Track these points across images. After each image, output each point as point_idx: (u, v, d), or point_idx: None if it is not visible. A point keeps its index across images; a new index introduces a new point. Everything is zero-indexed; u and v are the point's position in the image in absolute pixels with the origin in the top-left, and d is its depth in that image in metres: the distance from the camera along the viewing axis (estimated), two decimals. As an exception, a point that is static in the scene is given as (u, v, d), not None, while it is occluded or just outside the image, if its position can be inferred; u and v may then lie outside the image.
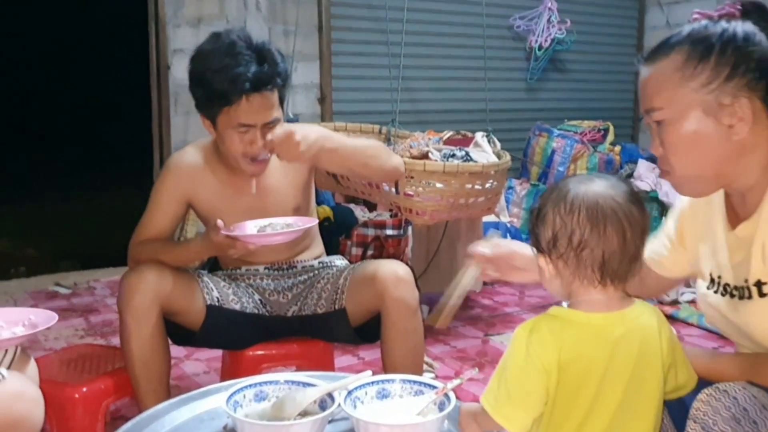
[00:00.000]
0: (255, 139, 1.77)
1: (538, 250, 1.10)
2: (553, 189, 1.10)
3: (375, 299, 1.80)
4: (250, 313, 1.92)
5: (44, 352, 2.62)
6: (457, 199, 2.72)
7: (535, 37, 4.95)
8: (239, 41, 1.75)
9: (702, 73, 1.08)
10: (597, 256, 1.04)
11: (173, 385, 2.42)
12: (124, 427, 1.35)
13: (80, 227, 5.64)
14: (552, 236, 1.06)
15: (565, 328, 1.05)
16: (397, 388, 1.41)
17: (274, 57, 1.77)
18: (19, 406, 1.31)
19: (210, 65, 1.74)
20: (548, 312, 1.09)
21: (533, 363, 1.03)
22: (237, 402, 1.37)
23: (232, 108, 1.73)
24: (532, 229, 1.11)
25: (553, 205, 1.06)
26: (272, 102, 1.77)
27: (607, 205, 1.04)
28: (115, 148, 7.54)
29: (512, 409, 1.04)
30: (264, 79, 1.73)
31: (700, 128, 1.09)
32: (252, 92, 1.72)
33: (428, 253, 3.24)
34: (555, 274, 1.08)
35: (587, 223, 1.03)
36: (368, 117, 3.86)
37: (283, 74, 1.78)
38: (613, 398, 1.04)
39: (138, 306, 1.73)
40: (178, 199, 1.89)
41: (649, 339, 1.08)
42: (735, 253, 1.18)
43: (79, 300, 3.51)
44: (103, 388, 1.82)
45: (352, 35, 4.40)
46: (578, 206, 1.04)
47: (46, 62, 8.42)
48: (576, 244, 1.04)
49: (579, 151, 4.69)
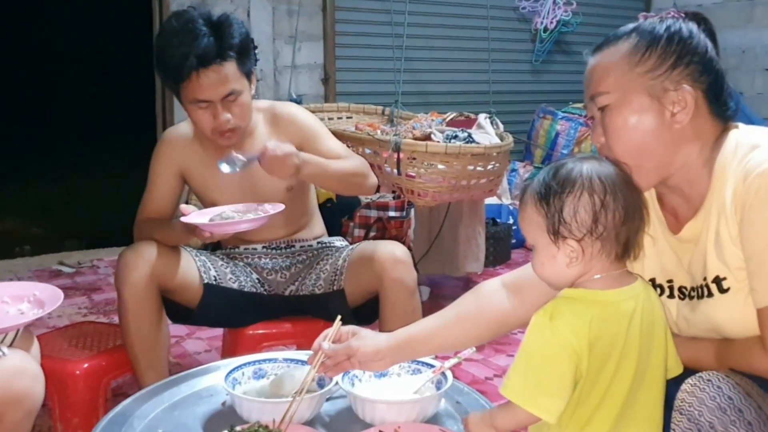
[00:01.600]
0: (216, 113, 1.77)
1: (560, 236, 1.06)
2: (570, 172, 1.07)
3: (373, 280, 1.81)
4: (248, 291, 1.93)
5: (47, 329, 2.64)
6: (459, 180, 2.71)
7: (540, 19, 4.91)
8: (198, 18, 1.75)
9: (649, 59, 1.10)
10: (630, 232, 1.06)
11: (174, 363, 2.44)
12: (124, 402, 1.37)
13: (84, 207, 5.66)
14: (593, 218, 1.04)
15: (588, 308, 1.04)
16: (395, 366, 1.42)
17: (230, 30, 1.75)
18: (20, 383, 1.33)
19: (164, 42, 1.77)
20: (562, 295, 1.08)
21: (563, 348, 1.01)
22: (236, 379, 1.38)
23: (185, 84, 1.74)
24: (555, 219, 1.05)
25: (585, 188, 1.05)
26: (226, 75, 1.74)
27: (630, 181, 1.08)
28: (119, 129, 7.55)
29: (547, 398, 1.02)
30: (211, 54, 1.71)
31: (644, 113, 1.11)
32: (201, 67, 1.71)
33: (430, 234, 3.24)
34: (576, 256, 1.06)
35: (624, 202, 1.05)
36: (372, 98, 3.85)
37: (237, 45, 1.75)
38: (629, 371, 1.05)
39: (135, 283, 1.74)
40: (173, 172, 1.91)
41: (653, 311, 1.10)
42: (684, 256, 1.18)
43: (83, 279, 3.53)
44: (104, 364, 1.84)
45: (356, 15, 4.38)
46: (613, 186, 1.05)
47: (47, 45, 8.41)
48: (618, 221, 1.05)
49: (583, 133, 4.67)
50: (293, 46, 4.08)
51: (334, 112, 3.43)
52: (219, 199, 1.90)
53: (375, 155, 2.73)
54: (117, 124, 7.74)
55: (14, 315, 1.42)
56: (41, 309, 1.42)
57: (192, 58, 1.69)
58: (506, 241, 3.75)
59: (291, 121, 1.93)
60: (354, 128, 3.07)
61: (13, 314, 1.42)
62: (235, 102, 1.77)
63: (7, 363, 1.33)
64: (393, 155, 2.65)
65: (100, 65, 8.44)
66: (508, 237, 3.79)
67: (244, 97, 1.79)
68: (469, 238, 3.21)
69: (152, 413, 1.34)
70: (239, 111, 1.79)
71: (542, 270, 1.12)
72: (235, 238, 1.98)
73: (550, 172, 1.09)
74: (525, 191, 1.12)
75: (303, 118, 1.95)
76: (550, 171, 1.09)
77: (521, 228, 1.14)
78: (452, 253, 3.22)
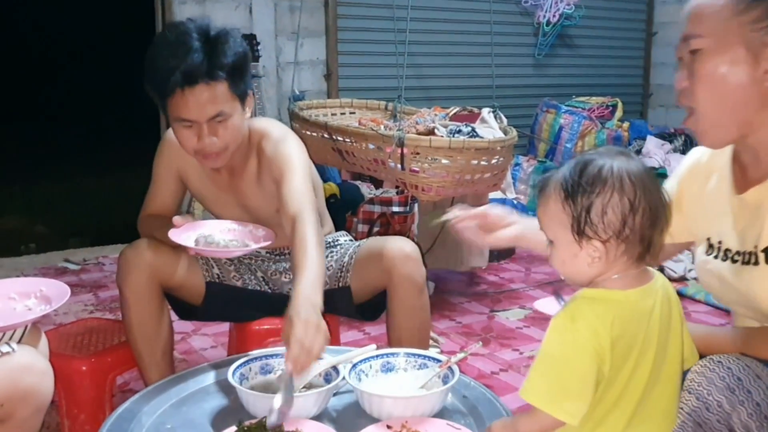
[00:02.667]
0: (201, 134, 1.65)
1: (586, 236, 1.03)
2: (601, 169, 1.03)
3: (382, 276, 1.80)
4: (252, 289, 1.93)
5: (53, 326, 2.65)
6: (462, 175, 2.71)
7: (543, 12, 4.90)
8: (194, 32, 1.62)
9: (754, 10, 1.06)
10: (654, 234, 1.03)
11: (181, 359, 2.45)
12: (132, 399, 1.38)
13: (89, 205, 5.67)
14: (622, 221, 1.01)
15: (609, 308, 1.02)
16: (402, 361, 1.43)
17: (225, 48, 1.62)
18: (29, 379, 1.33)
19: (155, 52, 1.65)
20: (581, 296, 1.05)
21: (586, 350, 0.99)
22: (243, 375, 1.38)
23: (171, 101, 1.63)
24: (582, 218, 1.02)
25: (615, 189, 1.01)
26: (213, 96, 1.61)
27: (656, 183, 1.04)
28: (123, 127, 7.55)
29: (571, 402, 1.00)
30: (199, 71, 1.58)
31: (736, 65, 1.07)
32: (186, 85, 1.59)
33: (434, 229, 3.24)
34: (598, 256, 1.03)
35: (651, 206, 1.02)
36: (374, 93, 3.85)
37: (229, 66, 1.62)
38: (646, 368, 1.04)
39: (136, 281, 1.74)
40: (173, 174, 1.89)
41: (670, 307, 1.08)
42: (740, 219, 1.16)
43: (88, 276, 3.54)
44: (110, 360, 1.85)
45: (358, 10, 4.37)
46: (641, 188, 1.01)
47: (52, 42, 8.42)
48: (643, 225, 1.02)
49: (587, 127, 4.66)
50: (295, 42, 4.08)
51: (337, 108, 3.43)
52: (217, 214, 1.89)
53: (378, 150, 2.73)
54: (121, 121, 7.74)
55: (21, 311, 1.43)
56: (48, 305, 1.43)
57: (178, 74, 1.57)
58: (510, 235, 3.74)
59: (270, 160, 1.76)
60: (357, 124, 3.06)
61: (21, 311, 1.43)
62: (222, 124, 1.65)
63: (17, 360, 1.33)
64: (396, 150, 2.65)
65: (105, 63, 8.43)
66: (513, 231, 3.78)
67: (233, 120, 1.66)
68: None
69: (160, 409, 1.34)
70: (226, 134, 1.66)
71: (562, 267, 1.09)
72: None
73: (577, 167, 1.04)
74: (547, 184, 1.08)
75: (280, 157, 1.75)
76: (578, 167, 1.04)
77: (540, 221, 1.10)
78: (456, 248, 3.22)
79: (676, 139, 4.69)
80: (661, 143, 4.63)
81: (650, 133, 4.87)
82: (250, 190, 1.85)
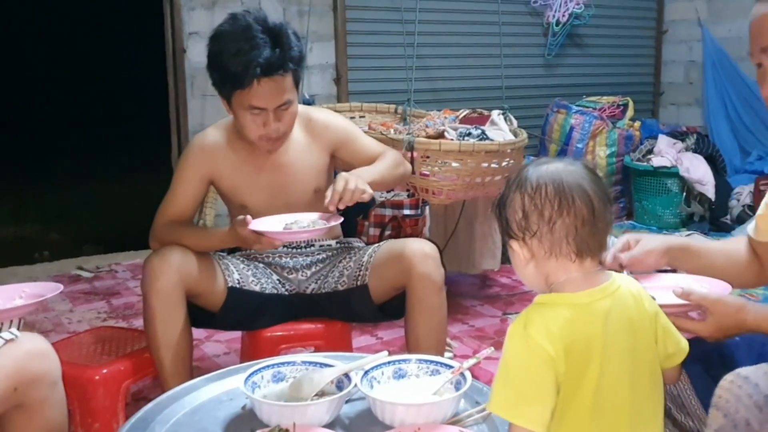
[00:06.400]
0: (268, 121, 1.81)
1: (509, 236, 1.08)
2: (513, 176, 1.10)
3: (401, 275, 1.82)
4: (270, 293, 1.94)
5: (67, 334, 2.67)
6: (473, 178, 2.70)
7: (552, 12, 4.88)
8: (255, 24, 1.76)
9: None
10: (570, 227, 1.03)
11: (194, 366, 2.46)
12: (145, 408, 1.38)
13: (102, 212, 5.70)
14: (522, 216, 1.05)
15: (556, 312, 1.03)
16: (414, 368, 1.42)
17: (289, 40, 1.78)
18: (35, 361, 1.36)
19: (224, 48, 1.77)
20: (534, 302, 1.07)
21: (538, 355, 1.00)
22: (255, 383, 1.38)
23: (244, 91, 1.76)
24: (499, 216, 1.09)
25: (518, 188, 1.06)
26: (284, 86, 1.78)
27: (571, 178, 1.05)
28: (134, 133, 7.59)
29: (527, 407, 1.00)
30: (276, 64, 1.74)
31: None
32: (263, 77, 1.74)
33: (446, 232, 3.23)
34: (530, 257, 1.07)
35: (555, 196, 1.03)
36: (384, 96, 3.85)
37: (297, 58, 1.80)
38: (621, 372, 1.03)
39: (162, 288, 1.75)
40: (201, 177, 1.93)
41: (635, 308, 1.08)
42: None
43: (102, 283, 3.56)
44: (123, 369, 1.85)
45: (366, 14, 4.37)
46: (543, 183, 1.04)
47: (63, 48, 8.48)
48: (548, 217, 1.03)
49: (598, 127, 4.63)
50: (305, 46, 4.08)
51: (347, 112, 3.43)
52: (248, 201, 1.93)
53: (389, 154, 2.72)
54: (132, 128, 7.78)
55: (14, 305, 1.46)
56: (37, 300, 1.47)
57: (255, 67, 1.72)
58: (522, 237, 3.72)
59: (325, 127, 1.99)
60: (367, 128, 3.06)
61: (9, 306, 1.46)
62: (287, 111, 1.82)
63: (21, 346, 1.36)
64: (406, 154, 2.65)
65: (116, 70, 8.49)
66: (524, 233, 3.76)
67: (294, 107, 1.84)
68: (485, 235, 3.20)
69: (173, 418, 1.34)
70: (288, 120, 1.84)
71: (518, 275, 1.12)
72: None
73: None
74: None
75: (336, 122, 2.02)
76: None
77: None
78: (468, 251, 3.22)
79: (687, 138, 4.65)
80: (672, 142, 4.59)
81: (662, 131, 4.84)
82: (296, 160, 1.94)
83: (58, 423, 1.43)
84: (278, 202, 1.92)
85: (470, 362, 1.37)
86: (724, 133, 5.11)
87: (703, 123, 5.32)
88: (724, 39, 5.10)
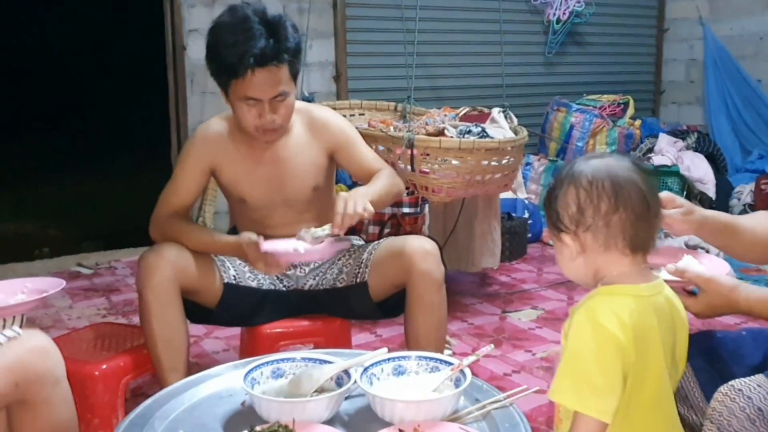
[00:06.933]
0: (263, 112, 1.80)
1: (560, 230, 1.08)
2: (565, 169, 1.10)
3: (401, 272, 1.83)
4: (267, 289, 1.94)
5: (66, 330, 2.67)
6: (473, 175, 2.70)
7: (552, 10, 4.88)
8: (253, 15, 1.77)
9: None
10: (626, 222, 1.04)
11: (193, 362, 2.45)
12: (144, 404, 1.38)
13: (101, 209, 5.70)
14: (577, 209, 1.05)
15: (623, 302, 1.03)
16: (413, 364, 1.42)
17: (286, 32, 1.78)
18: (38, 359, 1.36)
19: (221, 38, 1.78)
20: (597, 292, 1.06)
21: (609, 345, 0.99)
22: (254, 379, 1.38)
23: (239, 81, 1.77)
24: (550, 209, 1.09)
25: (572, 181, 1.06)
26: (279, 77, 1.78)
27: (625, 173, 1.05)
28: (134, 130, 7.59)
29: (601, 400, 0.99)
30: (269, 54, 1.74)
31: None
32: (257, 67, 1.74)
33: (445, 230, 3.23)
34: (580, 250, 1.07)
35: (612, 191, 1.04)
36: (384, 94, 3.84)
37: (292, 50, 1.79)
38: (664, 365, 1.05)
39: (157, 284, 1.75)
40: (203, 167, 1.93)
41: (677, 307, 1.10)
42: None
43: (101, 280, 3.56)
44: (122, 365, 1.85)
45: (366, 11, 4.37)
46: (600, 177, 1.04)
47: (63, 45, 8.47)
48: (604, 211, 1.03)
49: (598, 125, 4.63)
50: (304, 43, 4.08)
51: (347, 110, 3.42)
52: (247, 194, 1.93)
53: (388, 152, 2.72)
54: (132, 125, 7.78)
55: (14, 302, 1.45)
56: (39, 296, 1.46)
57: (249, 57, 1.72)
58: (522, 235, 3.73)
59: (325, 125, 1.98)
60: (367, 125, 3.06)
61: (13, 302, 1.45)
62: (283, 103, 1.81)
63: (24, 343, 1.36)
64: (406, 152, 2.64)
65: (114, 66, 8.49)
66: (524, 231, 3.77)
67: (290, 99, 1.84)
68: (484, 234, 3.20)
69: (173, 414, 1.34)
70: (284, 111, 1.84)
71: (562, 269, 1.12)
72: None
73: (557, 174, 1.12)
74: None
75: (336, 123, 2.01)
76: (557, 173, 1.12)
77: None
78: (468, 249, 3.21)
79: (688, 136, 4.65)
80: (673, 140, 4.59)
81: (662, 130, 4.84)
82: (295, 155, 1.93)
83: (65, 422, 1.42)
84: (276, 197, 1.92)
85: (470, 359, 1.37)
86: (725, 131, 5.11)
87: (703, 122, 5.32)
88: (726, 37, 5.10)
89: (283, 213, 1.94)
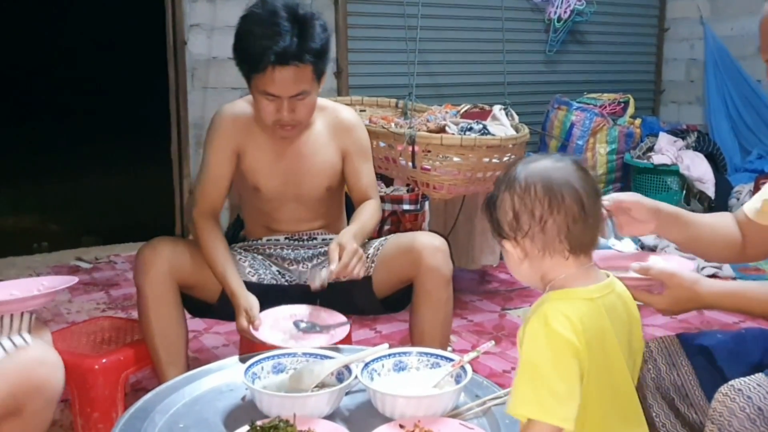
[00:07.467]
0: (281, 108, 1.78)
1: (501, 236, 1.08)
2: (502, 176, 1.09)
3: (409, 268, 1.82)
4: (268, 284, 1.94)
5: (66, 324, 2.67)
6: (474, 173, 2.70)
7: (554, 9, 4.88)
8: (282, 11, 1.74)
9: None
10: (561, 225, 1.03)
11: (193, 357, 2.46)
12: (145, 398, 1.38)
13: (101, 203, 5.69)
14: (513, 216, 1.04)
15: (574, 306, 1.02)
16: (414, 360, 1.42)
17: (313, 31, 1.75)
18: (42, 371, 1.35)
19: (248, 29, 1.76)
20: (547, 298, 1.05)
21: (565, 350, 0.98)
22: (255, 374, 1.38)
23: (259, 75, 1.75)
24: (490, 217, 1.08)
25: (507, 188, 1.06)
26: (299, 76, 1.74)
27: (559, 175, 1.04)
28: (134, 125, 7.58)
29: (563, 407, 0.97)
30: (291, 54, 1.71)
31: None
32: (278, 65, 1.71)
33: (445, 227, 3.23)
34: (523, 256, 1.06)
35: (544, 195, 1.03)
36: (385, 90, 3.84)
37: (317, 50, 1.75)
38: (625, 364, 1.05)
39: (154, 279, 1.75)
40: (233, 148, 1.91)
41: (629, 302, 1.10)
42: None
43: (101, 274, 3.56)
44: (122, 359, 1.85)
45: (368, 8, 4.36)
46: (532, 182, 1.04)
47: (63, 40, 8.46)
48: (539, 217, 1.03)
49: (598, 124, 4.64)
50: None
51: (348, 106, 3.42)
52: (262, 184, 1.92)
53: (390, 148, 2.72)
54: (132, 120, 7.77)
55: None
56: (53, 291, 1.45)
57: (271, 54, 1.70)
58: (522, 233, 3.73)
59: (348, 130, 1.96)
60: (368, 121, 3.06)
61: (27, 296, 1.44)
62: (302, 102, 1.79)
63: (31, 353, 1.34)
64: (408, 148, 2.65)
65: (115, 61, 8.48)
66: (524, 229, 3.76)
67: (311, 98, 1.81)
68: (484, 231, 3.20)
69: (173, 408, 1.34)
70: (303, 110, 1.81)
71: (512, 272, 1.12)
72: (260, 228, 2.01)
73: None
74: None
75: (359, 131, 1.99)
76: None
77: None
78: (468, 246, 3.22)
79: (688, 136, 4.66)
80: (673, 140, 4.59)
81: (662, 129, 4.84)
82: (315, 153, 1.92)
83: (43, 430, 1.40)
84: (290, 191, 1.92)
85: (470, 355, 1.38)
86: (725, 131, 5.11)
87: (703, 121, 5.32)
88: (726, 37, 5.10)
89: (294, 208, 1.95)
